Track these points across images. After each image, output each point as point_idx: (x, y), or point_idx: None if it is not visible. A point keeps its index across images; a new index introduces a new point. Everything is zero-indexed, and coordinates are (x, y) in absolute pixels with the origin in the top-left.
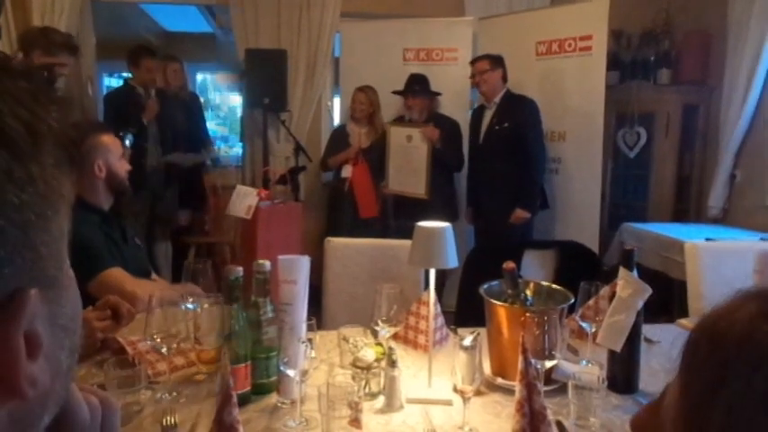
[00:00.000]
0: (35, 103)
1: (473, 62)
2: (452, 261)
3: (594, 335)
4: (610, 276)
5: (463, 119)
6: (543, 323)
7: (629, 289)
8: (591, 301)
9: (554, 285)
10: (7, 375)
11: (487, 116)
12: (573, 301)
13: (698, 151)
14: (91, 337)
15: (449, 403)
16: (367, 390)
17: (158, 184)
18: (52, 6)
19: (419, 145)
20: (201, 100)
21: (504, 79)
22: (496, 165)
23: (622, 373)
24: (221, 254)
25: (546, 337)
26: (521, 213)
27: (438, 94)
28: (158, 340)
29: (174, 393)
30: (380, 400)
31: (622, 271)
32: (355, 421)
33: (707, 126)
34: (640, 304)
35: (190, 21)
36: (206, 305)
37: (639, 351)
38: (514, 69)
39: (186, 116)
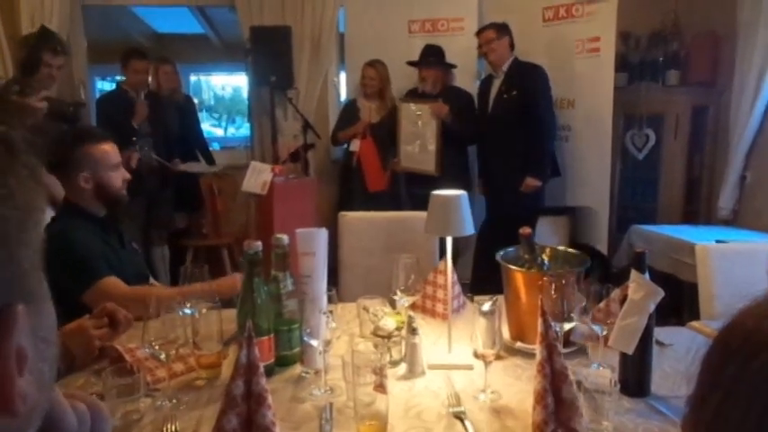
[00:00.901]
0: (6, 114)
1: (478, 33)
2: (469, 228)
3: (606, 338)
4: (620, 279)
5: (471, 90)
6: (561, 286)
7: (641, 291)
8: (602, 304)
9: (570, 249)
10: (3, 393)
11: (496, 85)
12: (589, 263)
13: (707, 153)
14: (89, 345)
15: (470, 368)
16: (389, 358)
17: (154, 188)
18: (41, 10)
19: (429, 121)
20: (196, 101)
21: (512, 47)
22: (506, 133)
23: (634, 377)
24: (219, 257)
25: (564, 299)
26: (531, 181)
27: (453, 66)
28: (157, 347)
29: (174, 400)
30: (402, 368)
31: (634, 273)
32: (380, 386)
33: (716, 127)
34: (652, 307)
35: (181, 22)
36: (204, 310)
37: (651, 354)
38: (521, 37)
39: (180, 119)
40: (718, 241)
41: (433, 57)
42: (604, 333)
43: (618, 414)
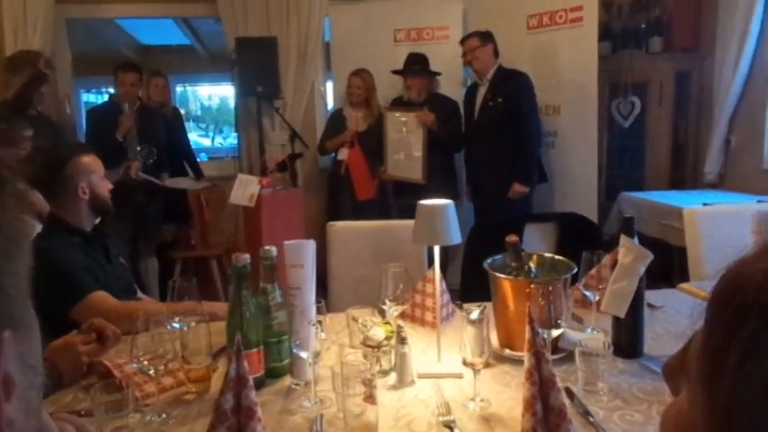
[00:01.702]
0: None
1: (463, 41)
2: (456, 237)
3: (598, 303)
4: (610, 246)
5: (457, 97)
6: (548, 293)
7: (630, 255)
8: (593, 270)
9: (557, 256)
10: None
11: (481, 93)
12: (576, 270)
13: (692, 118)
14: (77, 361)
15: (459, 376)
16: (378, 367)
17: (141, 200)
18: (25, 24)
19: (415, 129)
20: (183, 112)
21: (496, 55)
22: (492, 141)
23: (627, 339)
24: (208, 268)
25: (551, 306)
26: (518, 188)
27: (437, 73)
28: (145, 362)
29: (164, 415)
30: (392, 377)
31: (623, 238)
32: (370, 397)
33: (700, 93)
34: (642, 270)
35: (167, 34)
36: (192, 323)
37: (643, 316)
38: (506, 45)
39: (168, 132)
40: (704, 204)
41: (417, 65)
42: (597, 299)
43: (612, 375)
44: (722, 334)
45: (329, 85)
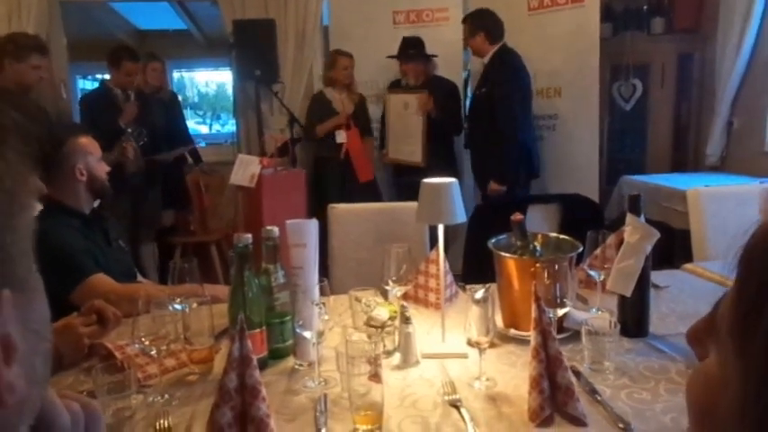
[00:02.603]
0: None
1: (462, 21)
2: (461, 216)
3: (603, 283)
4: (612, 229)
5: (457, 79)
6: (554, 272)
7: (636, 234)
8: (598, 251)
9: (561, 236)
10: None
11: (477, 78)
12: (581, 249)
13: (694, 100)
14: (78, 343)
15: (464, 356)
16: (383, 348)
17: (140, 186)
18: (19, 8)
19: (415, 112)
20: (180, 98)
21: (493, 40)
22: (479, 130)
23: (633, 318)
24: (208, 253)
25: (557, 285)
26: (494, 186)
27: (433, 56)
28: (147, 343)
29: (166, 396)
30: (396, 357)
31: (629, 217)
32: (375, 376)
33: (702, 74)
34: (648, 249)
35: (163, 18)
36: (194, 305)
37: (649, 295)
38: (507, 26)
39: (166, 117)
40: (707, 187)
41: (412, 49)
42: (601, 278)
43: (618, 354)
44: (756, 288)
45: None
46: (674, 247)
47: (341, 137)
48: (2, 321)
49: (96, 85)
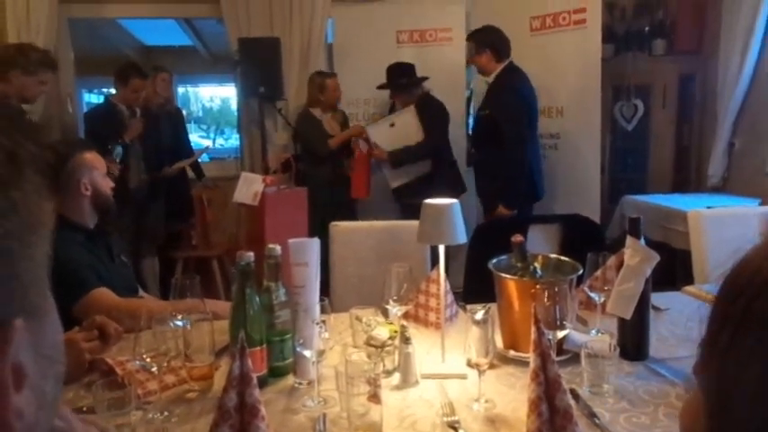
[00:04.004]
0: (13, 129)
1: (467, 39)
2: (461, 237)
3: (603, 305)
4: (613, 249)
5: (460, 98)
6: (554, 294)
7: (637, 257)
8: (598, 272)
9: (562, 257)
10: None
11: (480, 98)
12: (581, 271)
13: (696, 121)
14: (78, 358)
15: (463, 377)
16: (382, 367)
17: (143, 200)
18: (27, 24)
19: (405, 123)
20: (184, 113)
21: (499, 57)
22: (481, 152)
23: (633, 341)
24: (209, 268)
25: (557, 307)
26: (502, 210)
27: (424, 78)
28: (148, 359)
29: (166, 413)
30: (396, 377)
31: (629, 239)
32: (374, 397)
33: (704, 95)
34: (648, 271)
35: (169, 34)
36: (195, 321)
37: (649, 318)
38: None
39: (171, 131)
40: (708, 208)
41: (401, 78)
42: (601, 300)
43: (618, 377)
44: (717, 317)
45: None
46: (675, 268)
47: (364, 147)
48: (14, 351)
49: (102, 99)
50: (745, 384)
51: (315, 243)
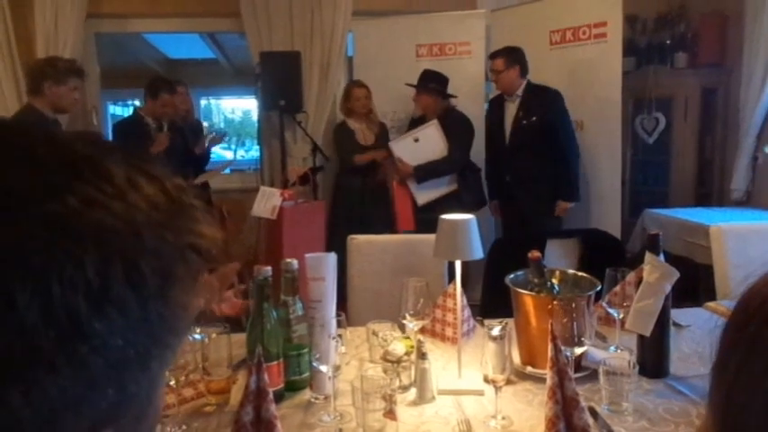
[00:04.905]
0: (192, 221)
1: (491, 57)
2: (477, 253)
3: (622, 321)
4: (634, 264)
5: (479, 113)
6: (571, 310)
7: (656, 273)
8: (617, 288)
9: (580, 273)
10: None
11: (510, 110)
12: (599, 287)
13: (718, 134)
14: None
15: (480, 393)
16: (398, 383)
17: None
18: (56, 38)
19: (429, 137)
20: (205, 125)
21: (523, 74)
22: (530, 160)
23: (653, 358)
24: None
25: (574, 324)
26: (564, 205)
27: (452, 96)
28: (166, 372)
29: (184, 426)
30: (412, 393)
31: (648, 255)
32: (390, 413)
33: (726, 109)
34: (668, 288)
35: (193, 48)
36: (213, 335)
37: (669, 335)
38: (529, 60)
39: (193, 143)
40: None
41: (432, 83)
42: (621, 316)
43: (638, 395)
44: (726, 342)
45: None
46: (698, 283)
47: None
48: None
49: (128, 111)
50: (752, 414)
51: (331, 258)
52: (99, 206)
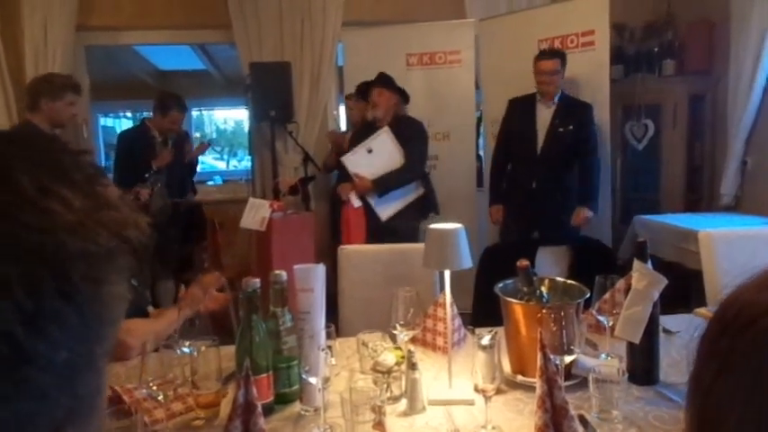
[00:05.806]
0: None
1: (539, 58)
2: (466, 262)
3: (612, 328)
4: (625, 271)
5: (470, 120)
6: (560, 319)
7: (644, 280)
8: (607, 295)
9: (569, 281)
10: None
11: (544, 115)
12: (589, 295)
13: (707, 140)
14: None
15: (470, 403)
16: (389, 393)
17: (163, 224)
18: (45, 51)
19: (382, 145)
20: (198, 135)
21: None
22: (561, 168)
23: (642, 365)
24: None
25: (564, 332)
26: (586, 213)
27: (407, 101)
28: (154, 387)
29: None
30: (403, 403)
31: (636, 263)
32: (379, 425)
33: (714, 115)
34: (656, 295)
35: (183, 59)
36: (203, 348)
37: (658, 342)
38: (517, 69)
39: (184, 154)
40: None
41: (391, 83)
42: (610, 324)
43: (627, 403)
44: (702, 354)
45: (342, 109)
46: (689, 288)
47: (354, 200)
48: None
49: (118, 122)
50: (724, 427)
51: (320, 269)
52: (10, 220)
